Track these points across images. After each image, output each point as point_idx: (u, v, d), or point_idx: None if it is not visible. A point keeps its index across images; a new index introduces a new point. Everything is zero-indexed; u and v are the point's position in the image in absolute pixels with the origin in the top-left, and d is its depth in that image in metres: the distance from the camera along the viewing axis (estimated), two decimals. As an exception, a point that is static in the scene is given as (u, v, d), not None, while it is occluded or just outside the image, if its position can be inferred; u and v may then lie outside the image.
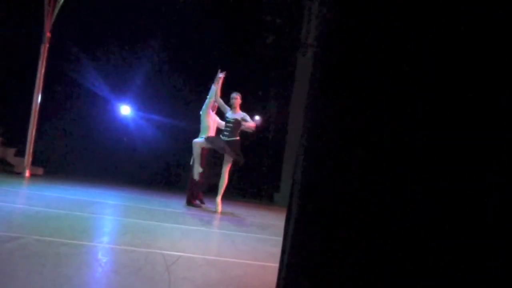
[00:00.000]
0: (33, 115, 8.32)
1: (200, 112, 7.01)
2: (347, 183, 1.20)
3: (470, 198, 1.08)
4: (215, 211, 6.46)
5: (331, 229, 1.19)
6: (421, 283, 1.08)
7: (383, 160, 1.17)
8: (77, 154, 11.20)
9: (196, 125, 7.20)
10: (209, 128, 6.89)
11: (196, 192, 6.94)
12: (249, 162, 9.28)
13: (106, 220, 4.43)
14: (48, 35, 8.33)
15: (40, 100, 8.35)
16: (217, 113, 7.13)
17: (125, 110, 11.77)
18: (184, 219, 5.27)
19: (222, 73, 6.70)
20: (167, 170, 11.85)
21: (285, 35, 11.85)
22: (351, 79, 1.27)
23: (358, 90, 1.25)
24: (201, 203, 6.94)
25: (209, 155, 7.15)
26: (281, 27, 11.98)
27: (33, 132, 8.34)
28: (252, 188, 12.06)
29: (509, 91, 1.09)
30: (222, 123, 6.93)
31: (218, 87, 6.72)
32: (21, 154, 8.64)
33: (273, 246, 3.87)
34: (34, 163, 8.68)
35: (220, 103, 6.75)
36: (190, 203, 6.84)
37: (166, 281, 2.24)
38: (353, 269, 1.14)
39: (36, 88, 8.29)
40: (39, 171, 9.02)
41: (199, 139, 6.73)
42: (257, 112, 12.30)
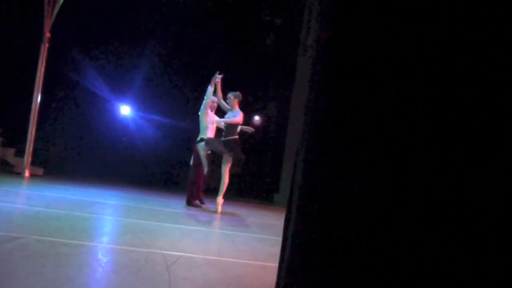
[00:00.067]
0: (33, 115, 8.32)
1: (199, 113, 7.02)
2: (347, 183, 1.20)
3: (470, 198, 1.08)
4: (215, 211, 6.46)
5: (331, 229, 1.19)
6: (421, 283, 1.08)
7: (383, 160, 1.17)
8: (77, 154, 11.21)
9: (195, 125, 7.20)
10: (208, 128, 6.89)
11: (196, 192, 6.94)
12: (249, 162, 9.29)
13: (106, 220, 4.43)
14: (48, 35, 8.33)
15: (40, 100, 8.35)
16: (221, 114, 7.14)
17: (125, 110, 11.77)
18: (184, 219, 5.27)
19: (220, 76, 6.73)
20: (167, 170, 11.85)
21: (285, 35, 11.85)
22: (351, 79, 1.27)
23: (358, 90, 1.25)
24: (201, 203, 6.94)
25: (211, 156, 7.16)
26: (281, 27, 11.98)
27: (33, 132, 8.34)
28: (252, 188, 12.06)
29: (509, 91, 1.09)
30: (221, 123, 6.94)
31: (218, 88, 6.75)
32: (21, 154, 8.64)
33: (273, 246, 3.87)
34: (34, 163, 8.68)
35: (221, 104, 6.80)
36: (190, 203, 6.84)
37: (166, 281, 2.24)
38: (353, 269, 1.14)
39: (36, 88, 8.29)
40: (39, 171, 9.02)
41: (200, 144, 6.75)
42: (257, 112, 12.30)
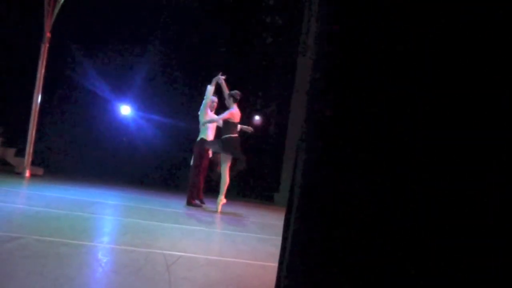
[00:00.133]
0: (33, 115, 8.32)
1: (198, 113, 7.02)
2: (347, 183, 1.20)
3: (470, 198, 1.08)
4: (215, 211, 6.46)
5: (331, 229, 1.19)
6: (421, 283, 1.08)
7: (383, 160, 1.17)
8: (77, 154, 11.20)
9: (196, 125, 7.20)
10: (208, 128, 6.89)
11: (197, 192, 6.94)
12: (249, 162, 9.25)
13: (106, 220, 4.43)
14: (48, 35, 8.33)
15: (40, 100, 8.35)
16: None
17: (125, 110, 11.77)
18: (185, 219, 5.27)
19: (223, 76, 6.75)
20: (167, 170, 11.85)
21: (285, 35, 11.85)
22: (351, 79, 1.27)
23: (358, 90, 1.25)
24: (201, 203, 6.94)
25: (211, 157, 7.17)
26: (281, 27, 11.98)
27: (33, 132, 8.34)
28: (252, 188, 12.06)
29: (509, 91, 1.09)
30: (219, 121, 6.94)
31: (225, 88, 6.76)
32: (21, 154, 8.64)
33: (273, 246, 3.87)
34: (34, 163, 8.68)
35: (228, 103, 6.81)
36: (190, 203, 6.84)
37: (167, 281, 2.24)
38: (353, 269, 1.14)
39: (36, 88, 8.29)
40: (39, 171, 9.02)
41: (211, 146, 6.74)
42: (257, 112, 12.30)
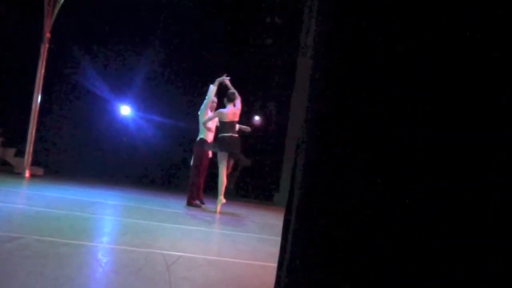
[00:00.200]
0: (33, 115, 8.32)
1: (198, 112, 7.01)
2: (347, 183, 1.20)
3: (470, 198, 1.08)
4: (215, 211, 6.46)
5: (331, 229, 1.19)
6: (421, 283, 1.08)
7: (383, 160, 1.17)
8: (77, 154, 11.20)
9: (196, 125, 7.20)
10: (208, 128, 6.88)
11: (197, 192, 6.94)
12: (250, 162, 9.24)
13: (106, 220, 4.43)
14: (48, 35, 8.33)
15: (40, 100, 8.35)
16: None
17: (125, 110, 11.76)
18: (184, 219, 5.27)
19: (227, 78, 6.76)
20: (167, 170, 11.85)
21: (285, 35, 11.85)
22: (351, 79, 1.27)
23: (358, 90, 1.25)
24: (201, 203, 6.94)
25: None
26: (281, 27, 11.98)
27: (33, 132, 8.34)
28: (252, 188, 12.06)
29: (509, 91, 1.09)
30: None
31: (231, 88, 6.76)
32: (21, 154, 8.64)
33: (273, 246, 3.87)
34: (34, 163, 8.68)
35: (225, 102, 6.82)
36: (190, 203, 6.83)
37: (167, 281, 2.24)
38: (353, 269, 1.14)
39: (36, 88, 8.29)
40: (39, 171, 9.02)
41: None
42: (257, 112, 12.30)
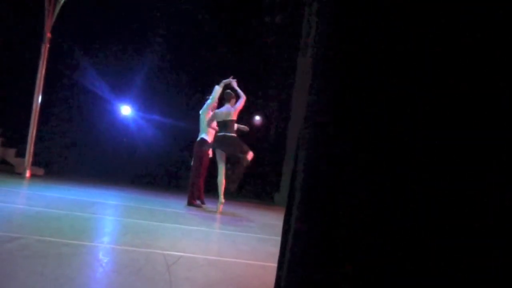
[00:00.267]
0: (34, 115, 8.32)
1: (200, 112, 7.00)
2: (347, 183, 1.20)
3: (470, 198, 1.08)
4: (215, 211, 6.46)
5: (331, 229, 1.20)
6: (421, 283, 1.08)
7: (383, 160, 1.17)
8: (77, 154, 11.21)
9: (196, 125, 7.20)
10: (208, 128, 6.89)
11: (197, 192, 6.94)
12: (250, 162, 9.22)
13: (107, 220, 4.43)
14: (49, 35, 8.33)
15: (41, 100, 8.35)
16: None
17: (125, 110, 11.77)
18: (185, 219, 5.27)
19: (234, 80, 6.76)
20: (168, 170, 11.85)
21: (285, 35, 11.85)
22: (351, 79, 1.27)
23: (358, 90, 1.25)
24: (201, 203, 6.94)
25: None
26: (281, 26, 11.98)
27: (34, 132, 8.35)
28: (252, 188, 12.05)
29: (509, 91, 1.09)
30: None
31: (238, 90, 6.75)
32: (22, 154, 8.64)
33: (273, 246, 3.87)
34: (34, 163, 8.69)
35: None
36: (190, 203, 6.84)
37: (167, 281, 2.24)
38: (353, 269, 1.14)
39: (37, 88, 8.30)
40: (40, 171, 9.02)
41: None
42: (257, 112, 12.30)
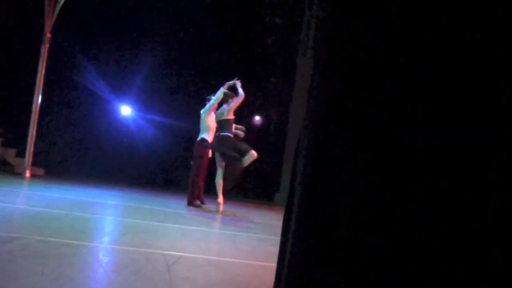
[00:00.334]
0: (34, 115, 8.32)
1: (201, 111, 6.99)
2: (347, 183, 1.20)
3: (470, 198, 1.08)
4: (215, 211, 6.46)
5: (331, 229, 1.20)
6: (421, 283, 1.08)
7: (383, 160, 1.17)
8: (77, 154, 11.21)
9: (196, 125, 7.19)
10: (209, 128, 6.88)
11: (197, 192, 6.94)
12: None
13: (107, 221, 4.43)
14: (49, 35, 8.33)
15: (41, 100, 8.35)
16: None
17: (125, 110, 11.77)
18: (185, 219, 5.27)
19: (238, 81, 6.74)
20: (168, 170, 11.85)
21: (285, 35, 11.85)
22: (351, 79, 1.27)
23: (358, 90, 1.25)
24: (201, 203, 6.94)
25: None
26: (281, 27, 11.98)
27: (34, 132, 8.35)
28: (252, 188, 12.05)
29: (509, 91, 1.09)
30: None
31: (241, 91, 6.72)
32: (22, 154, 8.64)
33: (273, 246, 3.86)
34: (34, 163, 8.69)
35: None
36: (190, 203, 6.84)
37: (167, 281, 2.24)
38: (353, 269, 1.14)
39: (37, 88, 8.30)
40: (40, 171, 9.02)
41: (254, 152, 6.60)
42: (257, 112, 12.30)
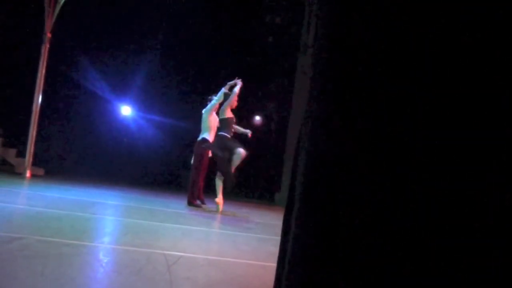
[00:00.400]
0: (34, 115, 8.33)
1: (203, 111, 6.99)
2: (347, 183, 1.20)
3: (470, 198, 1.08)
4: (216, 211, 6.46)
5: (331, 229, 1.20)
6: (421, 283, 1.08)
7: (383, 160, 1.17)
8: (77, 154, 11.22)
9: (197, 125, 7.20)
10: (210, 128, 6.89)
11: (197, 192, 6.94)
12: (250, 162, 9.22)
13: (107, 221, 4.44)
14: (49, 35, 8.34)
15: (41, 100, 8.36)
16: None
17: (125, 110, 11.78)
18: (185, 219, 5.27)
19: (239, 80, 6.71)
20: (168, 170, 11.86)
21: (285, 35, 11.85)
22: (351, 79, 1.27)
23: (358, 90, 1.25)
24: (201, 203, 6.95)
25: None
26: (281, 27, 11.99)
27: (34, 132, 8.35)
28: (253, 188, 12.06)
29: (509, 91, 1.09)
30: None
31: (238, 92, 6.67)
32: (22, 154, 8.65)
33: (274, 246, 3.87)
34: (35, 163, 8.69)
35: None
36: (191, 203, 6.84)
37: (167, 281, 2.24)
38: (353, 269, 1.14)
39: (37, 88, 8.31)
40: (40, 171, 9.03)
41: (241, 150, 6.53)
42: (257, 112, 12.30)
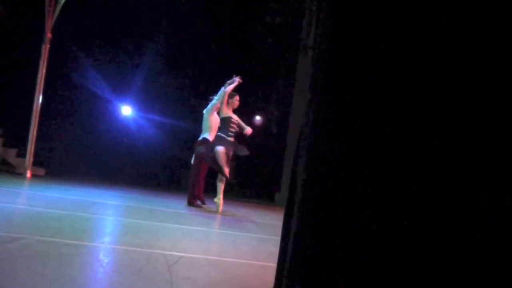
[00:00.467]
0: (34, 115, 8.33)
1: (204, 111, 6.99)
2: (347, 183, 1.20)
3: (470, 198, 1.08)
4: (216, 211, 6.46)
5: (331, 229, 1.20)
6: (421, 283, 1.08)
7: (383, 160, 1.17)
8: (78, 154, 11.23)
9: (197, 125, 7.20)
10: (211, 128, 6.88)
11: (197, 192, 6.94)
12: (250, 162, 9.25)
13: (107, 221, 4.44)
14: (49, 35, 8.34)
15: (41, 100, 8.36)
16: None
17: (126, 110, 11.78)
18: (185, 219, 5.27)
19: (237, 77, 6.68)
20: (168, 170, 11.86)
21: (286, 35, 11.86)
22: (351, 79, 1.27)
23: (358, 90, 1.25)
24: (202, 203, 6.94)
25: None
26: (281, 27, 11.99)
27: (34, 132, 8.36)
28: (253, 188, 12.06)
29: (509, 91, 1.09)
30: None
31: (229, 91, 6.63)
32: (23, 155, 8.65)
33: (274, 246, 3.86)
34: (35, 163, 8.70)
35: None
36: (191, 203, 6.84)
37: (168, 281, 2.24)
38: (353, 269, 1.15)
39: (37, 88, 8.31)
40: (40, 171, 9.03)
41: (219, 147, 6.52)
42: (258, 112, 12.30)
